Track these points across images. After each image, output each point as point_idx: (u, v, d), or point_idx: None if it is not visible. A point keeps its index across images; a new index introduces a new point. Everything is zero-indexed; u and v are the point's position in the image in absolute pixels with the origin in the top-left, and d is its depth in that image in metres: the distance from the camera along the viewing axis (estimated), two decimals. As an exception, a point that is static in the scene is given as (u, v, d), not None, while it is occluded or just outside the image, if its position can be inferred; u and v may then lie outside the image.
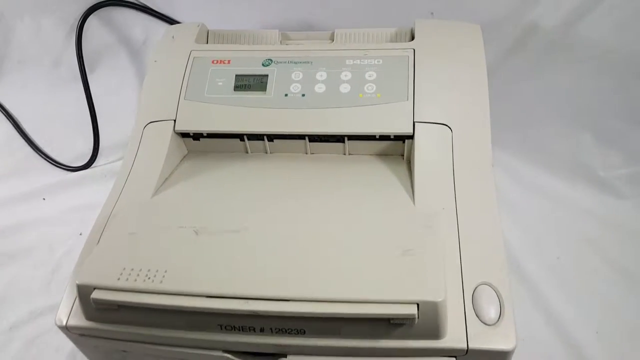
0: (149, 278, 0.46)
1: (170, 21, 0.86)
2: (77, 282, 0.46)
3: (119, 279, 0.46)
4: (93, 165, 0.91)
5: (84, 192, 0.88)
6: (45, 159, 0.91)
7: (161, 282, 0.45)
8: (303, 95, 0.63)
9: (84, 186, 0.89)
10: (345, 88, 0.63)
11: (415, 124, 0.59)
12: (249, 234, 0.50)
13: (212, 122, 0.63)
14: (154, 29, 0.88)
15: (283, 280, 0.45)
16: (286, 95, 0.63)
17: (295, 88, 0.63)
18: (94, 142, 0.89)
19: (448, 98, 0.61)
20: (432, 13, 0.75)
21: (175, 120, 0.64)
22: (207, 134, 0.64)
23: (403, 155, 0.64)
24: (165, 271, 0.46)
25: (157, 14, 0.85)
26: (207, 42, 0.73)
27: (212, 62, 0.67)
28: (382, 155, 0.65)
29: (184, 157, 0.67)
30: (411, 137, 0.60)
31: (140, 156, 0.63)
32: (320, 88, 0.63)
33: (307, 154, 0.66)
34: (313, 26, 0.81)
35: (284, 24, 0.81)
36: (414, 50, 0.64)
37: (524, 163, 0.80)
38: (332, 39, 0.72)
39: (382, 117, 0.60)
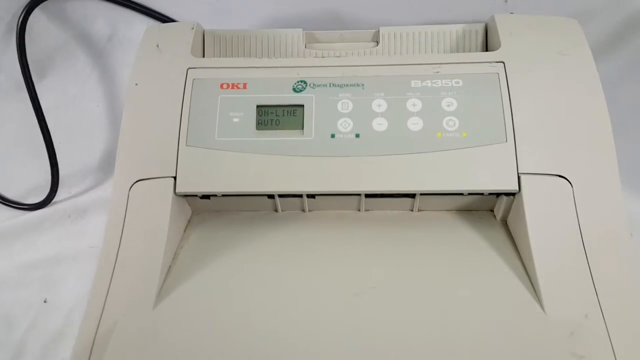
0: None
1: (144, 10, 0.64)
2: None
3: None
4: (53, 201, 0.70)
5: (45, 239, 0.67)
6: (-11, 196, 0.70)
7: None
8: (357, 135, 0.44)
9: (44, 231, 0.68)
10: (415, 124, 0.45)
11: (521, 176, 0.42)
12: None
13: (228, 179, 0.44)
14: (122, 20, 0.66)
15: None
16: (333, 136, 0.45)
17: (344, 125, 0.45)
18: (51, 170, 0.68)
19: (561, 137, 0.44)
20: (506, 0, 0.56)
21: (175, 178, 0.44)
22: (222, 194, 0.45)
23: (492, 210, 0.47)
24: None
25: (125, 2, 0.63)
26: (204, 51, 0.53)
27: (221, 86, 0.47)
28: (464, 210, 0.48)
29: (188, 221, 0.48)
30: (513, 193, 0.43)
31: (129, 231, 0.43)
32: (380, 124, 0.45)
33: (359, 211, 0.48)
34: (341, 18, 0.61)
35: (301, 13, 0.61)
36: (504, 64, 0.46)
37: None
38: (375, 40, 0.53)
39: (471, 168, 0.43)
